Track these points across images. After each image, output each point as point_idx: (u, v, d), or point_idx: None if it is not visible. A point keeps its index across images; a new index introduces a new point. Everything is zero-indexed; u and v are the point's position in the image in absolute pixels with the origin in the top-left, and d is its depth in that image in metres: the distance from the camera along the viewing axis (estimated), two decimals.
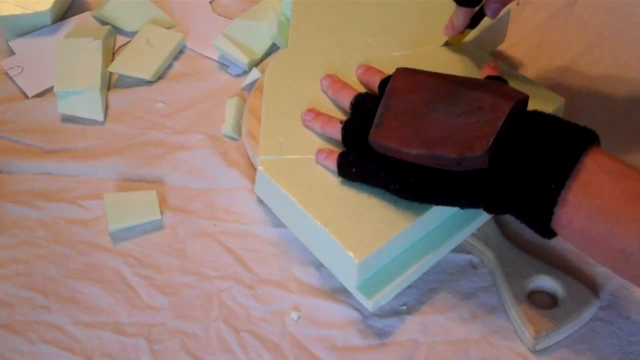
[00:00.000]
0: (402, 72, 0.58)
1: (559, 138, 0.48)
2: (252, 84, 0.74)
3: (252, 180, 0.67)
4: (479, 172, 0.50)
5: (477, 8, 0.64)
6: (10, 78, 0.75)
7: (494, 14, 0.64)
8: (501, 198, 0.50)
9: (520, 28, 0.81)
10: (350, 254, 0.54)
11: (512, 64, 0.77)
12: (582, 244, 0.49)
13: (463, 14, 0.64)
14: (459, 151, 0.50)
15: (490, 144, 0.49)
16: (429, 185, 0.53)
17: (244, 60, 0.76)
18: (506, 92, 0.52)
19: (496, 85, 0.55)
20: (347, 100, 0.62)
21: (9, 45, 0.78)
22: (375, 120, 0.55)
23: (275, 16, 0.77)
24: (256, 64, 0.78)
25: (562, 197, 0.47)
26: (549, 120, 0.50)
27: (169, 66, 0.78)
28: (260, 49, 0.78)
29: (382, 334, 0.58)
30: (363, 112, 0.59)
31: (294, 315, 0.59)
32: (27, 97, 0.74)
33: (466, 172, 0.51)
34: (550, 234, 0.50)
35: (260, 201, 0.66)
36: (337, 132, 0.59)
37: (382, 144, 0.54)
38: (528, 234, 0.55)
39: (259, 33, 0.77)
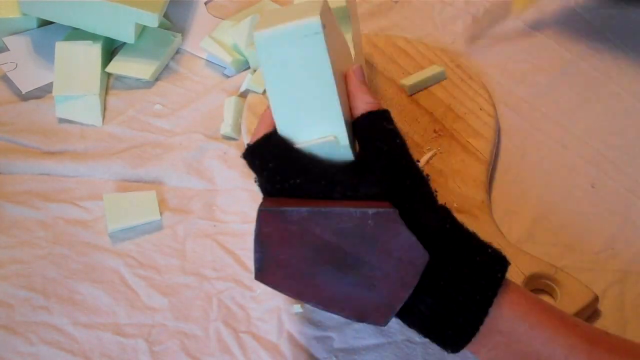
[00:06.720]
0: (267, 216, 0.47)
1: (455, 313, 0.47)
2: (247, 91, 0.75)
3: (252, 180, 0.67)
4: None
5: None
6: (7, 78, 0.75)
7: None
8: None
9: None
10: None
11: None
12: None
13: None
14: (359, 316, 0.48)
15: (390, 319, 0.48)
16: None
17: (227, 59, 0.76)
18: (400, 255, 0.47)
19: (386, 236, 0.47)
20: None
21: (3, 42, 0.78)
22: (255, 262, 0.48)
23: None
24: (242, 64, 0.78)
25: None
26: (444, 288, 0.47)
27: (166, 67, 0.79)
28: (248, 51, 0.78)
29: (379, 333, 0.59)
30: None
31: (296, 308, 0.60)
32: (21, 93, 0.74)
33: None
34: None
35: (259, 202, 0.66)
36: None
37: (271, 287, 0.49)
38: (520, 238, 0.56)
39: (249, 34, 0.77)
